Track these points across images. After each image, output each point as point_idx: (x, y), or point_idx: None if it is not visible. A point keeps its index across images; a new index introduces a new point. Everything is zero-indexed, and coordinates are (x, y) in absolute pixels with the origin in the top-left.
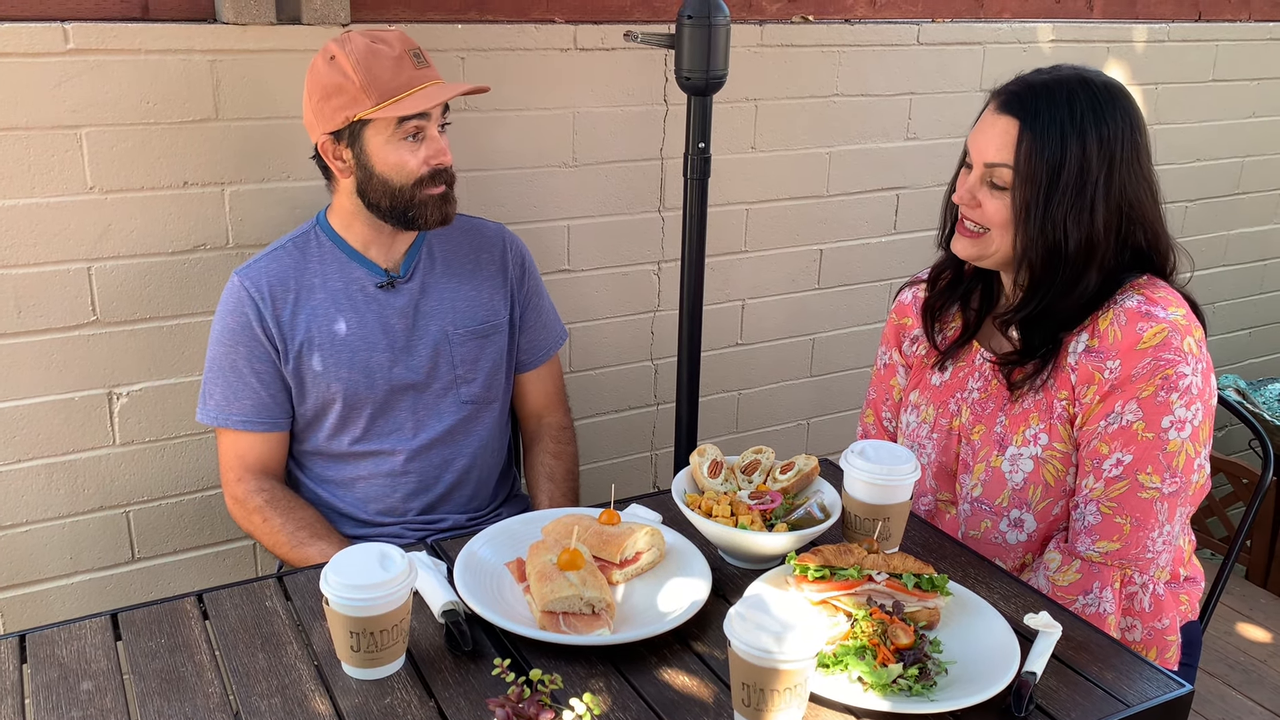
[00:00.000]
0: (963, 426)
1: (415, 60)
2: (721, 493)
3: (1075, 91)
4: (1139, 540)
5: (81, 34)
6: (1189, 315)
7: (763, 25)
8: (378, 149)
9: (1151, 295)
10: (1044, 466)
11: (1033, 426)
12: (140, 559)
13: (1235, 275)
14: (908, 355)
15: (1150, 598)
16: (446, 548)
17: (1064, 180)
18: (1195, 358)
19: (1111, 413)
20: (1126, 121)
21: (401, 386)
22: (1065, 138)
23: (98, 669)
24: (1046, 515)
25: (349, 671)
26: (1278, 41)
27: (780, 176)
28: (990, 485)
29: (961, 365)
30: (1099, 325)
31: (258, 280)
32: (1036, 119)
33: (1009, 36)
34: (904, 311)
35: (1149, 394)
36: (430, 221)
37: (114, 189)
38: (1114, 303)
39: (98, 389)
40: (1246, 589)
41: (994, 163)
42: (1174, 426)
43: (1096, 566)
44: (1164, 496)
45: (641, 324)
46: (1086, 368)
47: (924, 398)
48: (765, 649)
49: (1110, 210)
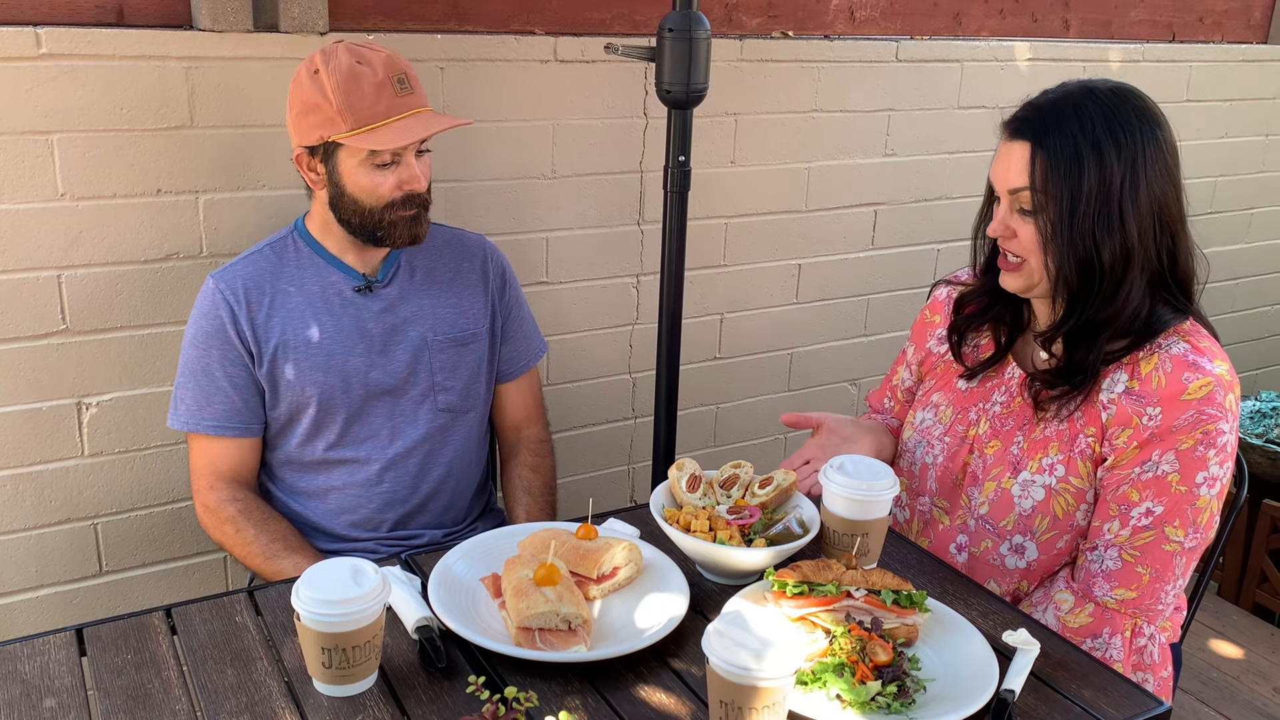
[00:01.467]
0: (978, 438)
1: (398, 87)
2: (700, 508)
3: (1082, 103)
4: (1154, 592)
5: (54, 39)
6: (1231, 371)
7: (743, 40)
8: (349, 171)
9: (1197, 345)
10: (1055, 498)
11: (1051, 456)
12: (108, 572)
13: (1208, 294)
14: (932, 354)
15: (1158, 649)
16: (421, 562)
17: (1086, 192)
18: (1233, 415)
19: (1148, 460)
20: (1144, 122)
21: (377, 391)
22: (1079, 149)
23: (61, 685)
24: (1050, 547)
25: (320, 689)
26: (1249, 64)
27: (759, 191)
28: (997, 506)
29: (991, 375)
30: (1140, 368)
31: (233, 283)
32: (1047, 137)
33: (987, 55)
34: (937, 308)
35: (1188, 447)
36: (399, 241)
37: (85, 196)
38: (1158, 347)
39: (66, 399)
40: (1219, 605)
41: (1016, 188)
42: (1206, 483)
43: (1110, 613)
44: (1184, 551)
45: (620, 337)
46: (1125, 409)
47: (946, 399)
48: (744, 666)
49: (1143, 214)
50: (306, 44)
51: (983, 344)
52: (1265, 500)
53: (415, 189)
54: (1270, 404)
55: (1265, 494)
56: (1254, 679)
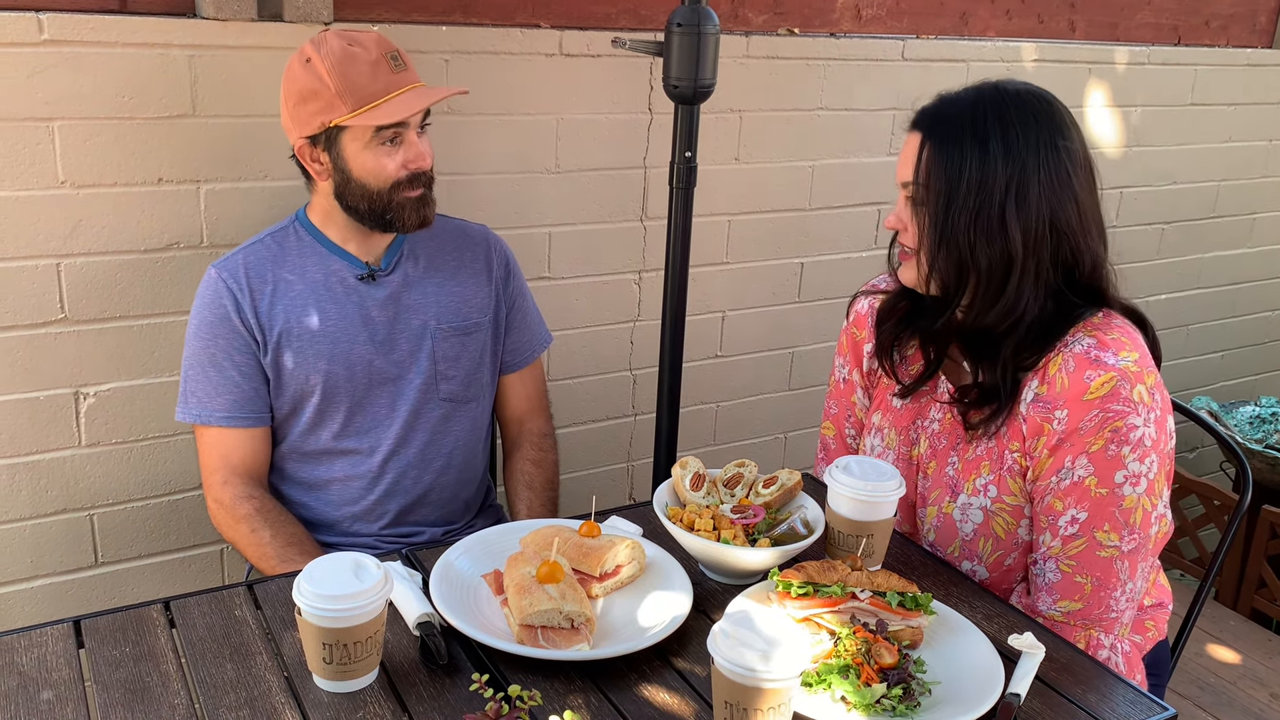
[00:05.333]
0: (920, 457)
1: (393, 63)
2: (703, 506)
3: (984, 101)
4: (1101, 600)
5: (57, 25)
6: (1142, 359)
7: (749, 36)
8: (355, 154)
9: (1104, 338)
10: (994, 519)
11: (984, 475)
12: (104, 563)
13: (1209, 298)
14: (869, 374)
15: (1122, 657)
16: (422, 558)
17: (963, 189)
18: (1147, 406)
19: (1062, 468)
20: (1044, 128)
21: (381, 379)
22: (963, 146)
23: (59, 678)
24: (999, 566)
25: (320, 684)
26: (1254, 68)
27: (763, 188)
28: (942, 532)
29: (925, 390)
30: (1049, 371)
31: (235, 271)
32: (936, 130)
33: (993, 55)
34: (861, 324)
35: (1099, 448)
36: (409, 224)
37: (86, 184)
38: (1065, 345)
39: (64, 388)
40: (1216, 610)
41: (905, 180)
42: (1128, 482)
43: (1059, 625)
44: (1124, 554)
45: (621, 333)
46: (1035, 419)
47: (886, 420)
48: (750, 667)
49: (1030, 222)
50: (310, 34)
51: (910, 355)
52: (1265, 506)
53: (421, 166)
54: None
55: (1264, 499)
56: (1251, 684)
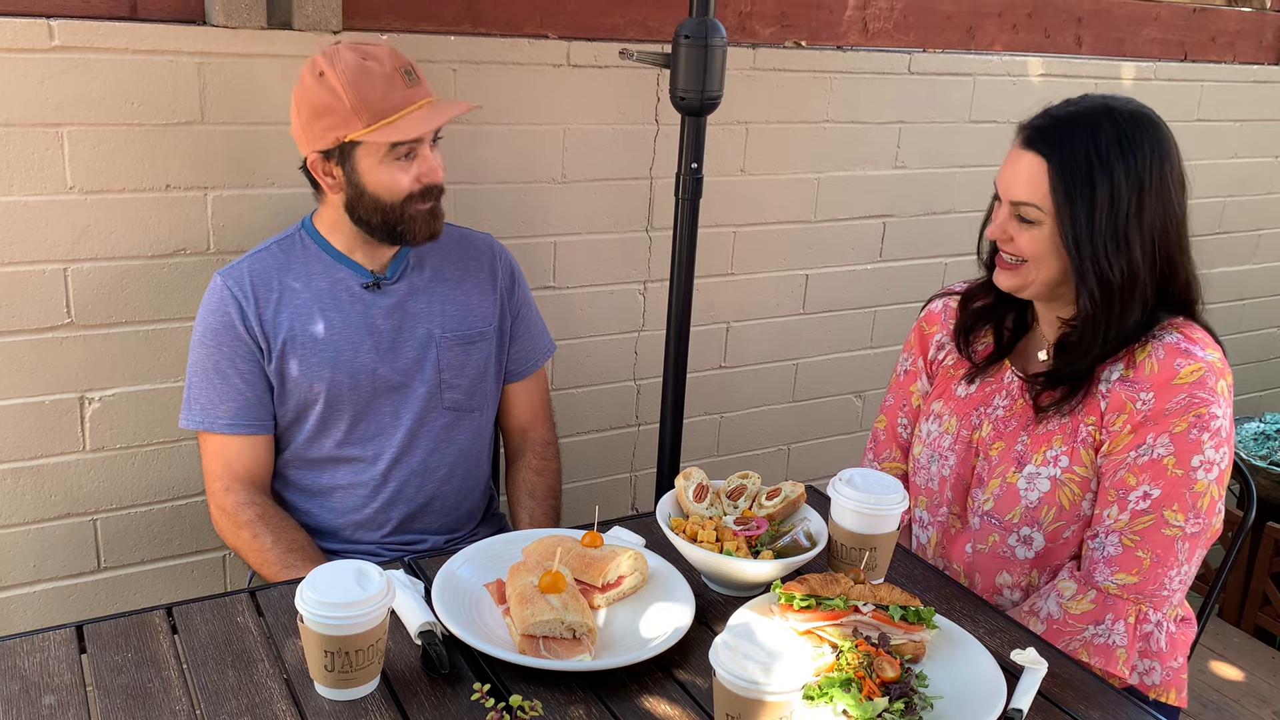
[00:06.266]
0: (982, 441)
1: (406, 78)
2: (707, 518)
3: (1100, 123)
4: (1157, 577)
5: (67, 31)
6: (1224, 360)
7: (755, 49)
8: (369, 169)
9: (1190, 334)
10: (1061, 489)
11: (1055, 448)
12: (106, 568)
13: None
14: (933, 363)
15: (1166, 636)
16: (425, 567)
17: (1097, 215)
18: (1227, 401)
19: (1142, 444)
20: (1157, 151)
21: (385, 387)
22: (1093, 172)
23: (61, 683)
24: (1057, 537)
25: (322, 692)
26: (1261, 84)
27: (768, 200)
28: (1003, 500)
29: (990, 380)
30: (1135, 357)
31: (240, 279)
32: (1062, 155)
33: (999, 69)
34: (933, 320)
35: (1181, 430)
36: (419, 237)
37: (94, 189)
38: (1152, 337)
39: (69, 393)
40: (1220, 627)
41: (1020, 201)
42: (1203, 466)
43: (1112, 599)
44: (1186, 536)
45: (626, 343)
46: (1120, 396)
47: (948, 408)
48: (752, 680)
49: (1145, 240)
50: (319, 42)
51: (980, 349)
52: (1269, 523)
53: (435, 180)
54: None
55: (1269, 516)
56: (1255, 702)
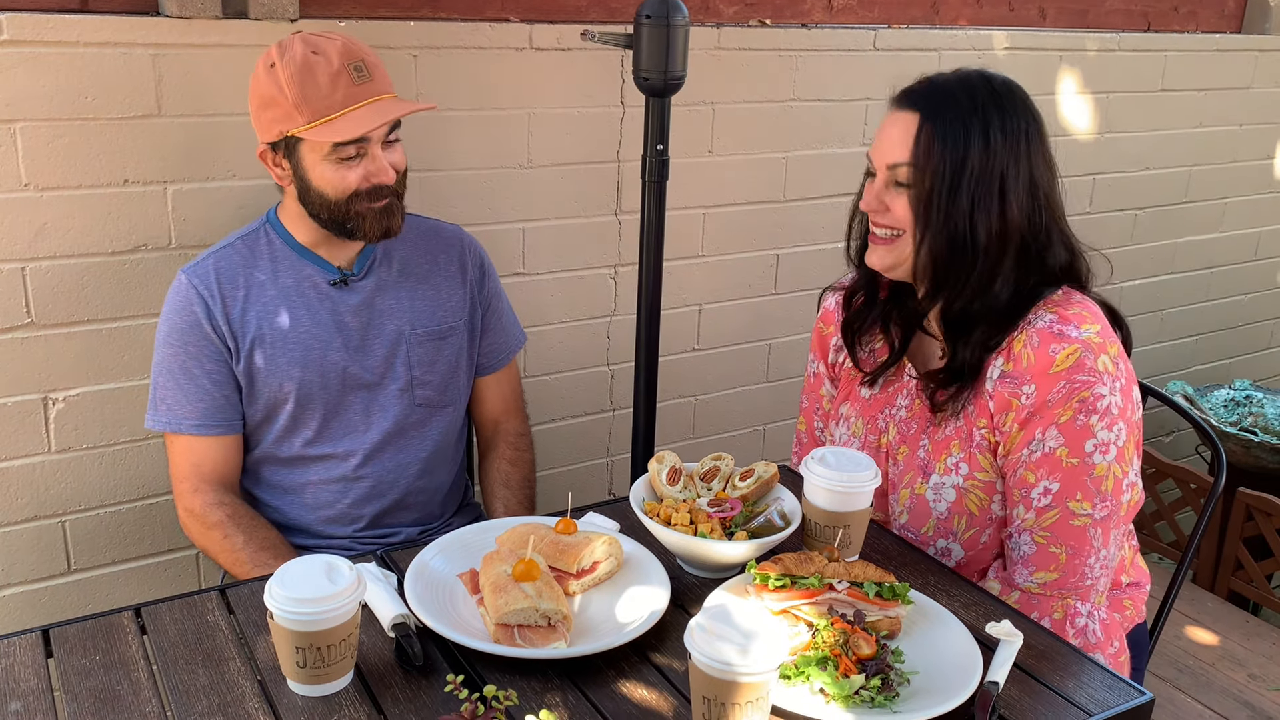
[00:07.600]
0: (890, 445)
1: (355, 74)
2: (680, 500)
3: (976, 85)
4: (1076, 569)
5: (16, 25)
6: (1104, 331)
7: (720, 28)
8: (314, 165)
9: (1064, 313)
10: (967, 496)
11: (954, 454)
12: (76, 570)
13: (1183, 283)
14: (834, 366)
15: (1100, 625)
16: (397, 559)
17: (969, 169)
18: (1112, 375)
19: (1033, 440)
20: (1029, 118)
21: (355, 385)
22: (968, 127)
23: (27, 688)
24: (974, 544)
25: (294, 688)
26: (1224, 53)
27: (737, 181)
28: (915, 514)
29: (892, 379)
30: (1013, 348)
31: (206, 277)
32: (937, 110)
33: (964, 44)
34: (829, 319)
35: (1068, 419)
36: (371, 235)
37: (50, 186)
38: (1027, 323)
39: (32, 394)
40: (1194, 593)
41: (896, 162)
42: (1098, 450)
43: (1035, 597)
44: (1096, 522)
45: (597, 329)
46: (1003, 395)
47: (854, 410)
48: (727, 661)
49: (1024, 196)
50: (276, 31)
51: (878, 347)
52: (1240, 488)
53: (383, 181)
54: (1244, 392)
55: (1240, 482)
56: (1229, 665)
